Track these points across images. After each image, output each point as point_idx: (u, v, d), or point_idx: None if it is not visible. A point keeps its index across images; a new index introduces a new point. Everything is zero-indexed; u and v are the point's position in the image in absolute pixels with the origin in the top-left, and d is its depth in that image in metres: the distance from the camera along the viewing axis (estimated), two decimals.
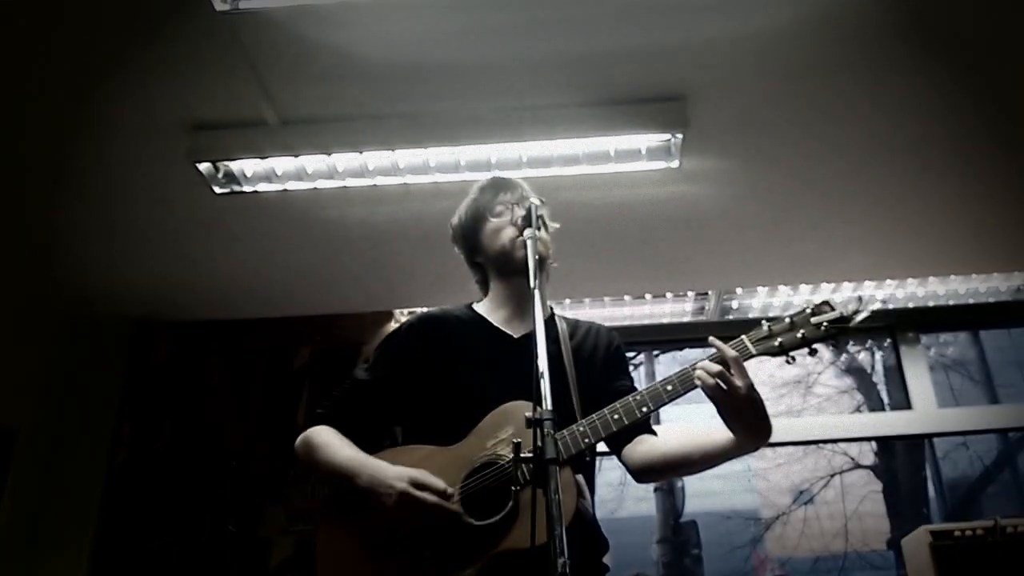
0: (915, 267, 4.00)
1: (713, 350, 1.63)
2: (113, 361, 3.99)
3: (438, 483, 1.63)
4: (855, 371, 9.95)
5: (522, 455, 1.45)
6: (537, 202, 1.86)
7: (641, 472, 1.84)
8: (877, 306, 4.29)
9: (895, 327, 4.48)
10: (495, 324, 1.97)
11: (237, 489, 3.70)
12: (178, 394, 4.14)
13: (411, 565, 1.64)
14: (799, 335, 1.63)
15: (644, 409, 1.65)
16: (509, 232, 1.92)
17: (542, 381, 1.44)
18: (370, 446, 1.83)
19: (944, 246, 3.76)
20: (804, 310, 1.66)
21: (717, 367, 1.59)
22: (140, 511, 3.61)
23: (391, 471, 1.68)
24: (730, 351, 1.61)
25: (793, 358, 1.66)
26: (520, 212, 1.88)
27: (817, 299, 1.68)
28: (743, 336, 1.66)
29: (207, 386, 4.16)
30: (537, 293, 1.63)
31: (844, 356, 9.81)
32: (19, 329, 3.74)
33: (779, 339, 1.64)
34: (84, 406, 3.88)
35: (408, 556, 1.65)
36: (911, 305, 4.39)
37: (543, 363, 1.47)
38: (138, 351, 4.04)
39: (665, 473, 1.84)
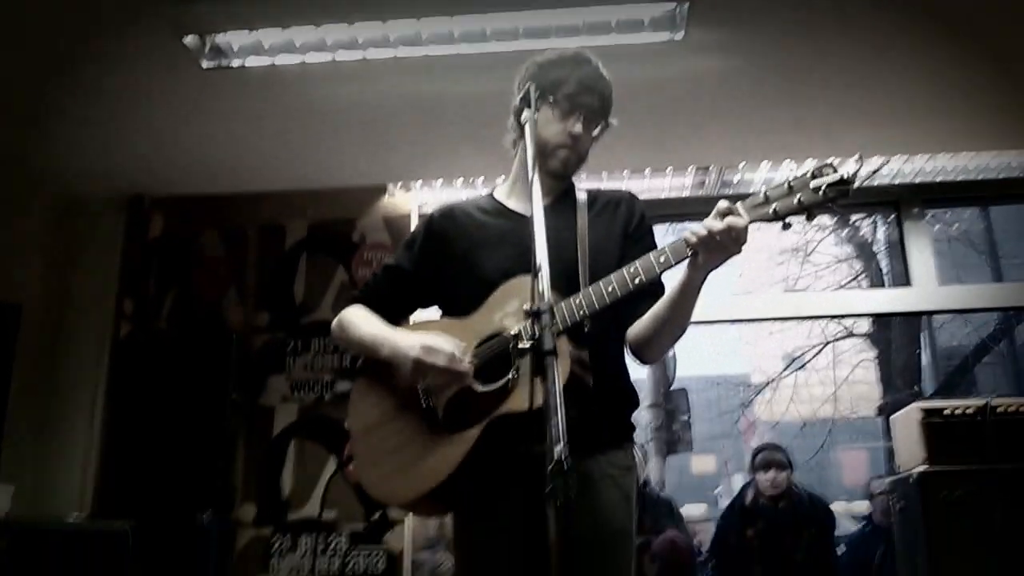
0: (923, 143, 3.92)
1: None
2: (111, 238, 3.99)
3: (447, 347, 1.73)
4: (856, 241, 9.93)
5: (521, 346, 1.58)
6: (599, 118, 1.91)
7: (638, 351, 1.89)
8: (875, 177, 4.22)
9: (899, 202, 4.43)
10: (508, 206, 2.01)
11: (240, 360, 3.78)
12: (175, 268, 4.16)
13: (425, 422, 1.80)
14: (796, 200, 1.59)
15: (637, 280, 1.67)
16: (560, 137, 1.89)
17: (540, 272, 1.46)
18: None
19: (953, 122, 3.67)
20: (804, 174, 1.61)
21: (720, 225, 1.58)
22: (147, 384, 3.70)
23: (405, 341, 1.79)
24: (743, 217, 1.60)
25: (789, 224, 1.63)
26: (578, 128, 1.87)
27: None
28: (738, 203, 1.63)
29: (203, 260, 4.18)
30: (536, 184, 1.60)
31: (847, 229, 9.77)
32: (17, 209, 3.74)
33: (774, 205, 1.61)
34: (85, 283, 3.92)
35: (423, 415, 1.81)
36: (918, 180, 4.32)
37: (542, 253, 1.48)
38: (133, 227, 4.04)
39: (654, 344, 1.85)
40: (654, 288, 1.79)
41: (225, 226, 4.22)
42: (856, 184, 1.59)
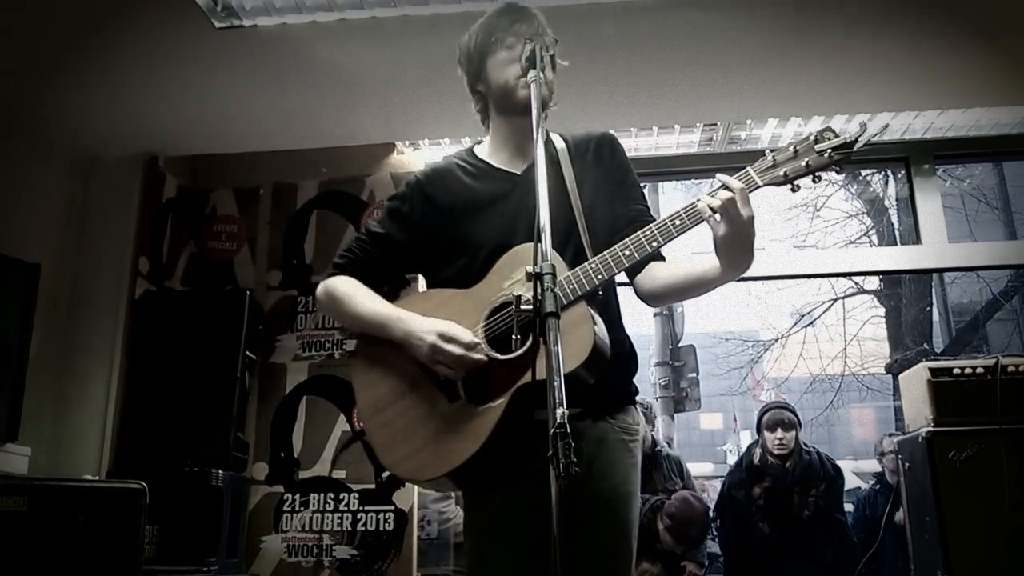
0: (934, 98, 3.87)
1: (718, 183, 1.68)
2: (126, 198, 4.01)
3: (465, 336, 1.73)
4: (866, 196, 9.85)
5: (521, 308, 1.60)
6: (548, 40, 1.85)
7: (649, 299, 1.94)
8: (884, 132, 4.19)
9: (910, 158, 4.38)
10: (497, 165, 1.98)
11: (252, 319, 3.83)
12: (189, 228, 4.22)
13: (443, 394, 1.79)
14: (804, 163, 1.68)
15: (654, 244, 1.72)
16: (515, 69, 1.86)
17: (543, 235, 1.48)
18: (385, 294, 1.95)
19: (965, 77, 3.61)
20: (808, 138, 1.70)
21: (727, 194, 1.65)
22: (162, 343, 3.76)
23: (421, 325, 1.78)
24: (737, 182, 1.66)
25: (798, 186, 1.71)
26: (529, 48, 1.82)
27: (819, 127, 1.71)
28: (749, 168, 1.70)
29: (216, 219, 4.24)
30: (541, 141, 1.63)
31: (856, 185, 9.67)
32: (35, 169, 3.77)
33: (783, 169, 1.69)
34: (101, 243, 3.95)
35: (440, 387, 1.79)
36: (928, 135, 4.27)
37: (544, 215, 1.51)
38: (148, 186, 4.07)
39: (668, 299, 1.97)
40: None
41: (238, 185, 4.27)
42: (859, 146, 1.67)
